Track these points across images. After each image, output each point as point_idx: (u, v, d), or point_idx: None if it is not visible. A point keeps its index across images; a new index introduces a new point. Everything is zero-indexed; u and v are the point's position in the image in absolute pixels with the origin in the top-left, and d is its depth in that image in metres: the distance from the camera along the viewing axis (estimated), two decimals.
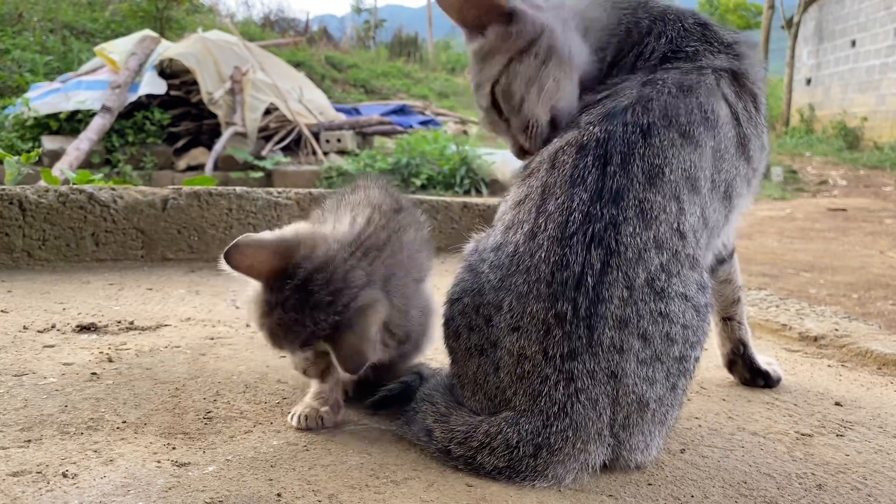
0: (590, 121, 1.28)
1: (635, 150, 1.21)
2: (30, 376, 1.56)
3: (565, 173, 1.23)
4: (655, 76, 1.31)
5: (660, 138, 1.23)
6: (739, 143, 1.34)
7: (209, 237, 3.01)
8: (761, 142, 1.40)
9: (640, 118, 1.24)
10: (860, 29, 16.28)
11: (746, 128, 1.36)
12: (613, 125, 1.24)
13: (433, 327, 1.53)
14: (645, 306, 1.15)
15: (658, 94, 1.27)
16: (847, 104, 16.62)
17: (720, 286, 1.64)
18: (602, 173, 1.20)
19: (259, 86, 9.87)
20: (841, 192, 11.76)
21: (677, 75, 1.31)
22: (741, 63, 1.38)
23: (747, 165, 1.37)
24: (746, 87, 1.37)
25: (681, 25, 1.40)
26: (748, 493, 1.19)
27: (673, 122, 1.25)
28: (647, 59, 1.37)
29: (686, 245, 1.21)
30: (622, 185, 1.19)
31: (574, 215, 1.19)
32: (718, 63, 1.35)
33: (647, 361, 1.16)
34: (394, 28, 25.09)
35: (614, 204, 1.18)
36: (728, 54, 1.38)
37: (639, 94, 1.27)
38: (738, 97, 1.36)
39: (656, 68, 1.34)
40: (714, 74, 1.33)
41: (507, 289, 1.21)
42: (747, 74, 1.38)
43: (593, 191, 1.20)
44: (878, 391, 1.79)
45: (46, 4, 14.41)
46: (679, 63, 1.35)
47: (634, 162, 1.21)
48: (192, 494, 1.08)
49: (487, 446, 1.18)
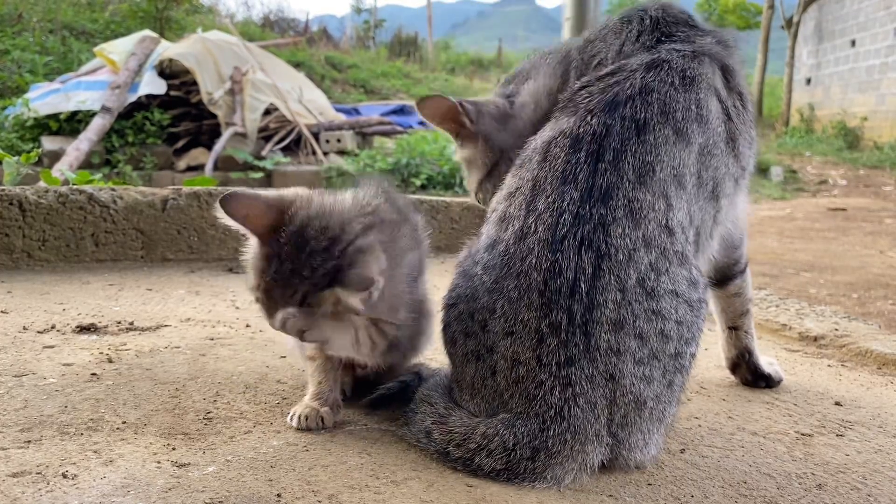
0: (590, 108, 1.26)
1: (628, 146, 1.21)
2: (30, 377, 1.56)
3: (557, 169, 1.22)
4: (659, 56, 1.31)
5: (654, 135, 1.22)
6: (729, 138, 1.34)
7: (209, 238, 3.01)
8: (750, 136, 1.41)
9: (639, 112, 1.23)
10: (860, 29, 16.28)
11: (740, 122, 1.37)
12: (613, 118, 1.23)
13: (431, 328, 1.53)
14: (639, 306, 1.15)
15: (661, 84, 1.26)
16: (847, 104, 16.62)
17: (730, 299, 1.66)
18: (593, 170, 1.20)
19: (259, 86, 9.87)
20: (841, 191, 11.76)
21: (681, 61, 1.31)
22: (731, 56, 1.40)
23: (736, 163, 1.37)
24: (734, 82, 1.38)
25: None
26: (748, 493, 1.19)
27: (670, 118, 1.24)
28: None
29: (675, 242, 1.20)
30: (612, 183, 1.19)
31: (564, 217, 1.18)
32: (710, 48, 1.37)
33: (644, 360, 1.16)
34: (394, 28, 25.10)
35: (603, 203, 1.18)
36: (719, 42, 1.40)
37: (643, 84, 1.26)
38: (728, 92, 1.36)
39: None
40: (710, 65, 1.34)
41: (500, 291, 1.21)
42: (735, 69, 1.39)
43: (584, 189, 1.19)
44: (877, 391, 1.79)
45: (46, 5, 14.41)
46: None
47: (626, 159, 1.20)
48: (191, 495, 1.08)
49: (485, 448, 1.18)
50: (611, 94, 1.26)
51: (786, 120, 18.74)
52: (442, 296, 1.36)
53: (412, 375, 1.49)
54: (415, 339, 1.50)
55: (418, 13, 50.35)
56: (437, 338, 1.49)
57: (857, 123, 15.92)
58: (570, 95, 1.34)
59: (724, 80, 1.36)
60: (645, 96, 1.25)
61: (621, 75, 1.30)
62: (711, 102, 1.31)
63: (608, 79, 1.31)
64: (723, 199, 1.34)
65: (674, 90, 1.26)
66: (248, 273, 1.26)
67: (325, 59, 18.47)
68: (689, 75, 1.29)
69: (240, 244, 1.31)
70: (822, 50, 18.03)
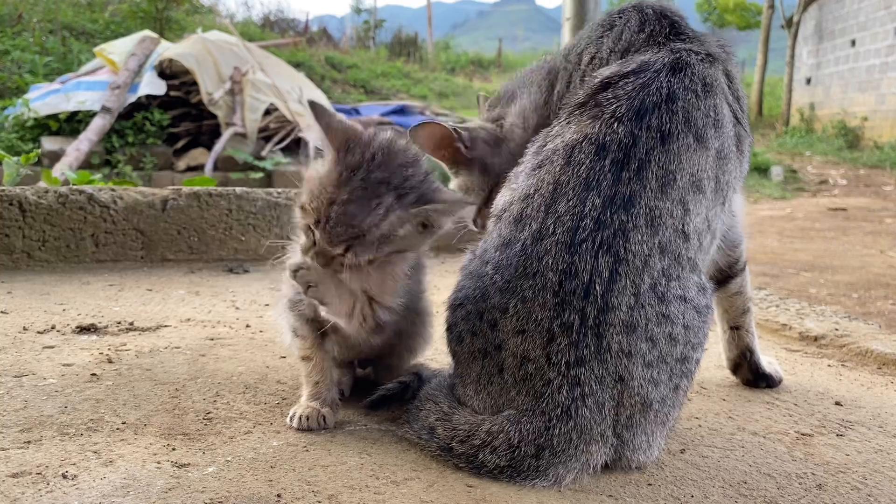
0: (616, 115, 1.24)
1: (652, 156, 1.21)
2: (29, 377, 1.56)
3: (580, 175, 1.21)
4: (681, 58, 1.31)
5: (677, 144, 1.22)
6: (738, 141, 1.36)
7: (209, 238, 3.00)
8: (751, 139, 1.44)
9: (664, 123, 1.23)
10: (860, 28, 16.27)
11: (745, 125, 1.38)
12: (639, 128, 1.22)
13: (430, 329, 1.53)
14: (651, 310, 1.16)
15: (685, 91, 1.26)
16: (847, 103, 16.62)
17: (731, 298, 1.67)
18: (617, 178, 1.19)
19: (259, 86, 9.86)
20: (841, 191, 11.76)
21: (700, 66, 1.31)
22: (731, 62, 1.41)
23: (740, 165, 1.39)
24: (734, 86, 1.40)
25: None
26: (748, 493, 1.19)
27: (691, 126, 1.25)
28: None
29: (689, 248, 1.21)
30: (635, 191, 1.19)
31: (585, 222, 1.18)
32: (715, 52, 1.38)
33: (653, 363, 1.17)
34: (394, 28, 25.09)
35: (625, 210, 1.18)
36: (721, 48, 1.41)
37: (669, 91, 1.26)
38: (734, 96, 1.37)
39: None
40: (720, 69, 1.35)
41: (513, 291, 1.20)
42: (734, 75, 1.41)
43: (607, 196, 1.19)
44: (878, 391, 1.79)
45: (46, 5, 14.41)
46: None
47: (650, 168, 1.20)
48: (191, 495, 1.08)
49: (489, 444, 1.18)
50: (637, 101, 1.25)
51: (786, 120, 18.74)
52: (445, 296, 1.36)
53: (412, 376, 1.49)
54: (412, 338, 1.51)
55: (418, 13, 50.37)
56: (437, 338, 1.49)
57: (857, 123, 15.92)
58: (591, 92, 1.31)
59: (729, 85, 1.37)
60: (670, 104, 1.24)
61: (646, 76, 1.28)
62: (724, 107, 1.32)
63: (633, 79, 1.28)
64: (727, 200, 1.35)
65: (695, 97, 1.27)
66: (311, 193, 1.20)
67: (325, 60, 18.47)
68: (708, 82, 1.30)
69: (240, 244, 1.31)
70: (823, 49, 18.02)
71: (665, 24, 1.41)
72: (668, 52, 1.33)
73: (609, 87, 1.30)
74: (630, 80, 1.29)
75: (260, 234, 3.07)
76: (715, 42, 1.41)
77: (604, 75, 1.33)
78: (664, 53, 1.33)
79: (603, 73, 1.35)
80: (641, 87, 1.27)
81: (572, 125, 1.29)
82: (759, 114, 20.12)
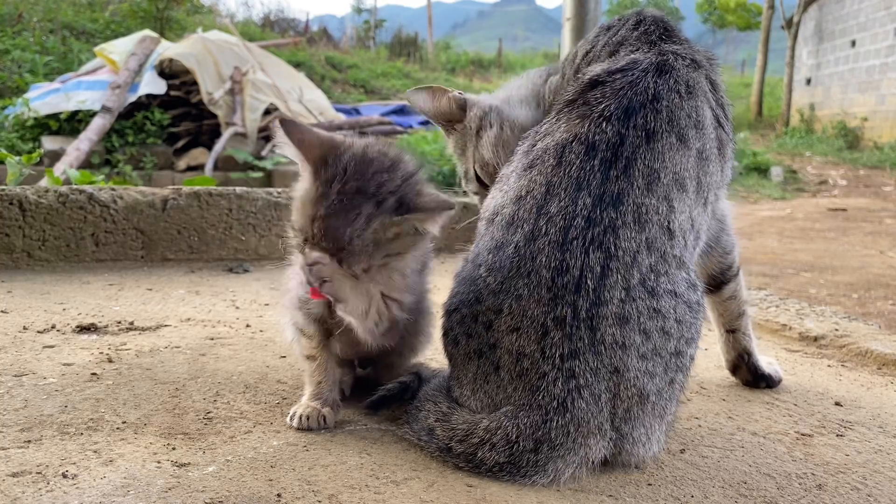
0: (605, 115, 1.27)
1: (638, 154, 1.24)
2: (30, 377, 1.56)
3: (572, 175, 1.24)
4: (667, 60, 1.34)
5: (661, 143, 1.25)
6: (720, 144, 1.39)
7: (209, 237, 3.00)
8: (734, 146, 1.47)
9: (650, 123, 1.26)
10: (860, 29, 16.28)
11: (728, 130, 1.42)
12: (626, 128, 1.25)
13: (430, 327, 1.53)
14: (643, 303, 1.18)
15: (669, 92, 1.29)
16: (847, 104, 16.62)
17: (726, 303, 1.70)
18: (606, 177, 1.22)
19: (259, 86, 9.87)
20: (841, 191, 11.76)
21: (684, 70, 1.34)
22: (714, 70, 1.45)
23: (722, 171, 1.41)
24: (718, 94, 1.43)
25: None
26: (748, 493, 1.19)
27: (674, 125, 1.28)
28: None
29: (674, 245, 1.23)
30: (623, 189, 1.21)
31: (577, 220, 1.20)
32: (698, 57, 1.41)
33: (648, 356, 1.18)
34: (394, 28, 25.13)
35: (614, 208, 1.20)
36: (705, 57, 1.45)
37: (655, 91, 1.29)
38: (718, 103, 1.41)
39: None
40: (703, 76, 1.39)
41: (507, 291, 1.21)
42: (719, 85, 1.44)
43: (596, 195, 1.21)
44: (878, 391, 1.79)
45: (46, 5, 14.41)
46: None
47: (636, 166, 1.23)
48: (192, 495, 1.08)
49: (488, 442, 1.18)
50: (626, 100, 1.28)
51: (786, 120, 18.75)
52: (445, 297, 1.36)
53: (412, 376, 1.49)
54: (414, 337, 1.51)
55: (418, 13, 50.35)
56: (437, 338, 1.49)
57: (857, 123, 15.93)
58: (581, 90, 1.34)
59: (713, 92, 1.41)
60: (655, 104, 1.28)
61: (633, 75, 1.31)
62: (706, 110, 1.36)
63: (620, 77, 1.32)
64: (709, 204, 1.37)
65: (679, 98, 1.30)
66: (296, 212, 1.22)
67: (326, 60, 18.47)
68: (691, 84, 1.34)
69: (240, 244, 1.31)
70: (822, 50, 18.03)
71: (659, 27, 1.45)
72: (657, 54, 1.36)
73: (598, 86, 1.33)
74: (618, 77, 1.32)
75: (260, 233, 3.07)
76: (703, 52, 1.45)
77: (593, 72, 1.36)
78: (652, 54, 1.36)
79: (593, 69, 1.38)
80: (629, 85, 1.30)
81: (562, 124, 1.32)
82: (759, 114, 20.13)
